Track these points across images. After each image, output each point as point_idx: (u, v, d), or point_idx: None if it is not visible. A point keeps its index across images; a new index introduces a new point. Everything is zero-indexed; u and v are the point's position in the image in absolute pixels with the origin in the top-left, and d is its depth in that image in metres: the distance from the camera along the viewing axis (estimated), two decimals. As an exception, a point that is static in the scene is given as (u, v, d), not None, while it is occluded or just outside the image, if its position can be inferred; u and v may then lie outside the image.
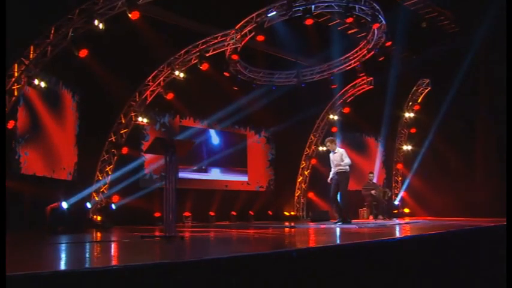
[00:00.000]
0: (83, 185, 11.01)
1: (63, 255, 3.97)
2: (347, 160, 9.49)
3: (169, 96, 12.35)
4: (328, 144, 9.98)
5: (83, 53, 9.48)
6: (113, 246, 5.17)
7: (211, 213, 13.79)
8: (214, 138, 14.69)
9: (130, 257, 4.00)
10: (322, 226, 9.36)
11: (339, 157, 9.58)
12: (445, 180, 14.13)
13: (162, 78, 12.27)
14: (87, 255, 3.98)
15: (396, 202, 16.14)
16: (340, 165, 9.54)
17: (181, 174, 13.56)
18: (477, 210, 11.72)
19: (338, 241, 5.61)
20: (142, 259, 3.61)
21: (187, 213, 13.13)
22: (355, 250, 4.51)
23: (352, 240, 5.34)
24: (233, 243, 5.53)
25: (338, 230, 8.19)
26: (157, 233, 7.97)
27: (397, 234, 6.43)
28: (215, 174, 14.69)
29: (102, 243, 5.51)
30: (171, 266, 3.13)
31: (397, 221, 11.64)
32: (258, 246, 5.04)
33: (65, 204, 8.69)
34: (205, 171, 14.59)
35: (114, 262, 3.44)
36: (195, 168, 14.13)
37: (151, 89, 12.31)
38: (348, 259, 4.36)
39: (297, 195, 16.73)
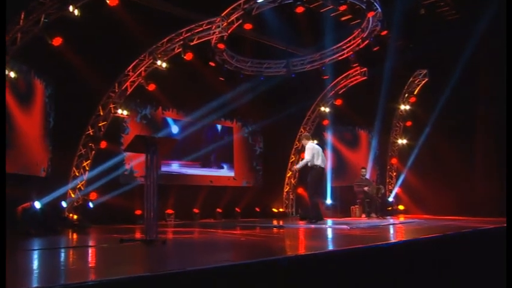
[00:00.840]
0: (58, 182, 10.85)
1: (35, 266, 3.89)
2: (305, 156, 9.96)
3: (151, 87, 12.21)
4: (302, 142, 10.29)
5: (57, 41, 9.28)
6: (90, 252, 5.10)
7: (196, 211, 13.76)
8: (198, 130, 14.56)
9: (107, 267, 3.94)
10: (312, 226, 9.47)
11: None
12: (442, 176, 14.19)
13: (143, 68, 12.12)
14: (62, 266, 3.91)
15: (390, 199, 16.24)
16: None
17: (170, 169, 13.50)
18: (476, 209, 11.78)
19: (329, 246, 5.64)
20: (121, 271, 3.54)
21: (170, 211, 13.09)
22: (347, 257, 4.53)
23: (345, 245, 5.38)
24: (218, 248, 5.51)
25: (330, 231, 8.26)
26: (137, 235, 7.96)
27: (391, 238, 6.51)
28: (199, 169, 14.60)
29: (78, 249, 5.43)
30: (151, 280, 3.08)
31: (391, 220, 11.75)
32: (244, 253, 5.05)
33: (37, 204, 8.55)
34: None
35: (91, 275, 3.38)
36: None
37: (131, 79, 12.16)
38: (340, 267, 4.36)
39: (285, 191, 16.75)
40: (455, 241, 6.02)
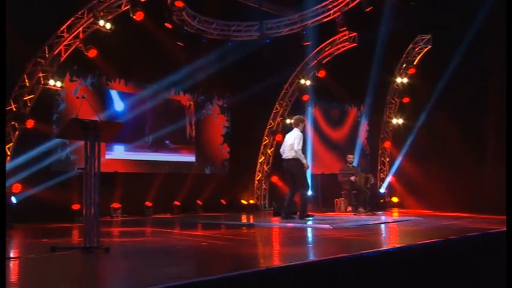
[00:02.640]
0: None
1: None
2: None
3: (92, 53, 11.91)
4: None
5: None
6: (12, 267, 4.95)
7: (148, 204, 13.70)
8: (152, 107, 14.39)
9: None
10: (289, 225, 9.54)
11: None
12: (445, 164, 14.33)
13: (81, 29, 11.78)
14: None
15: (382, 190, 16.49)
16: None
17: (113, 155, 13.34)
18: (485, 204, 11.83)
19: (309, 255, 5.71)
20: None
21: (116, 205, 12.99)
22: (329, 269, 4.60)
23: (326, 254, 5.45)
24: (173, 258, 5.49)
25: (309, 232, 8.42)
26: (74, 239, 7.88)
27: (382, 244, 6.65)
28: (153, 153, 14.49)
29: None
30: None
31: (382, 216, 11.93)
32: (205, 265, 5.06)
33: None
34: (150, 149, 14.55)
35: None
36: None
37: (66, 42, 11.81)
38: (319, 282, 4.41)
39: (257, 179, 16.88)
40: (459, 248, 6.11)
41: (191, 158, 15.56)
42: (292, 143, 10.27)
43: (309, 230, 8.76)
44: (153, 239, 7.89)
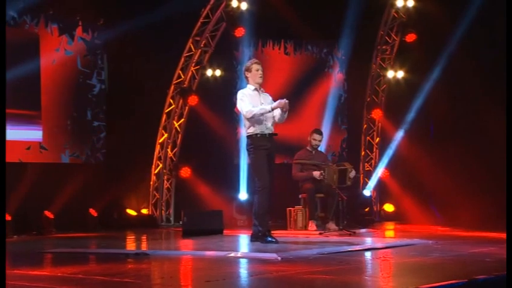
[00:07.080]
0: None
1: None
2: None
3: None
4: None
5: None
6: None
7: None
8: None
9: None
10: (209, 253, 9.55)
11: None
12: (474, 148, 14.57)
13: None
14: None
15: (367, 192, 16.74)
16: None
17: None
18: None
19: None
20: None
21: None
22: None
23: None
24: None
25: (241, 267, 8.30)
26: None
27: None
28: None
29: None
30: None
31: (367, 238, 12.14)
32: None
33: None
34: None
35: None
36: None
37: None
38: None
39: (154, 173, 16.94)
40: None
41: (35, 136, 15.23)
42: None
43: (243, 262, 8.66)
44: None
